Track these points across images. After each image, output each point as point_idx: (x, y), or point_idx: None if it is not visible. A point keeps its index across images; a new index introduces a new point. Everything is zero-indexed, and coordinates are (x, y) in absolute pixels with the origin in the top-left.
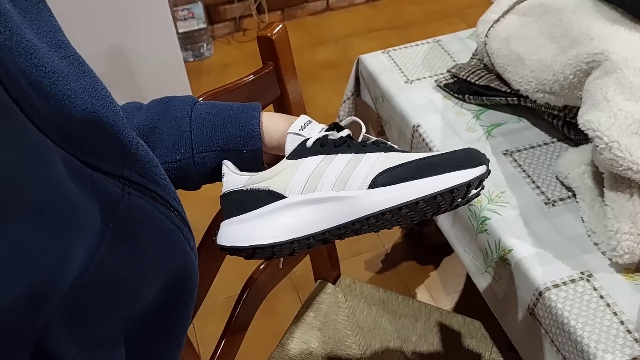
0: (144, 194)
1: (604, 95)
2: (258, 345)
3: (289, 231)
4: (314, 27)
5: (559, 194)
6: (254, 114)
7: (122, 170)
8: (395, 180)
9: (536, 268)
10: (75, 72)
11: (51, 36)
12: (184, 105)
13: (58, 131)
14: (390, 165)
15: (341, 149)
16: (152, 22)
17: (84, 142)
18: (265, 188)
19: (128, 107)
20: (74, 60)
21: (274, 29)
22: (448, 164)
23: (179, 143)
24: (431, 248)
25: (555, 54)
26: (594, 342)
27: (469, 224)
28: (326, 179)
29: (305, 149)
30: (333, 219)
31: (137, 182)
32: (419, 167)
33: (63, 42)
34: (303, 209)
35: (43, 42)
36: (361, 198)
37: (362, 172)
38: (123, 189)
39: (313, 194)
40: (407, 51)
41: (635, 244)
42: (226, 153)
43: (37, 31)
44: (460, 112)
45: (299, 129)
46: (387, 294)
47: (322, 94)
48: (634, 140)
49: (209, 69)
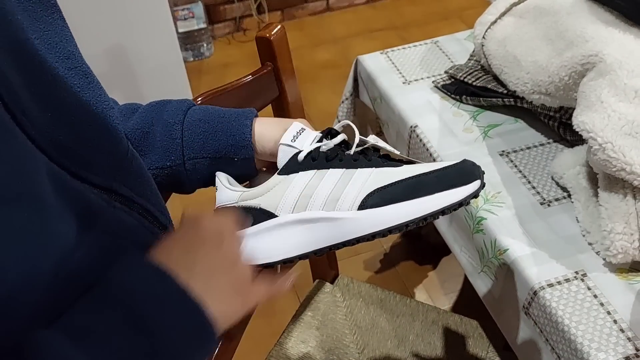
0: (130, 207)
1: (598, 97)
2: (256, 344)
3: (279, 253)
4: (313, 27)
5: (554, 194)
6: (246, 122)
7: (111, 183)
8: (385, 202)
9: (531, 267)
10: (79, 84)
11: (61, 47)
12: (177, 111)
13: (52, 143)
14: (380, 185)
15: (333, 164)
16: (153, 22)
17: (78, 154)
18: (257, 206)
19: (124, 109)
20: (80, 71)
21: (273, 29)
22: (439, 183)
23: (170, 149)
24: (430, 248)
25: (551, 56)
26: (587, 340)
27: (466, 224)
28: (317, 198)
29: (297, 163)
30: (323, 240)
31: (125, 195)
32: (409, 188)
33: (72, 53)
34: (294, 229)
35: (51, 52)
36: (351, 220)
37: (353, 192)
38: (109, 202)
39: (304, 214)
40: (406, 52)
41: (628, 244)
42: (218, 160)
43: (47, 41)
44: (457, 113)
45: (291, 139)
46: (385, 294)
47: (321, 94)
48: (628, 141)
49: (209, 68)
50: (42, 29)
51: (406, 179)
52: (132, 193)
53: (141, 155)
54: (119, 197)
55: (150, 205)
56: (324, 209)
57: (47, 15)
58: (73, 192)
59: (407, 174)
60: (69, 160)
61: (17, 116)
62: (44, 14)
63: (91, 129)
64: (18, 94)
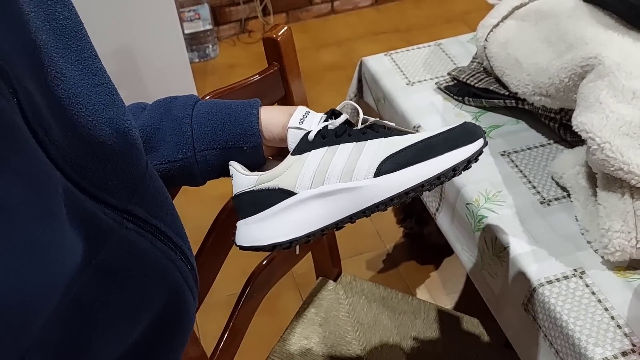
0: (143, 229)
1: (597, 98)
2: (260, 342)
3: (303, 226)
4: (318, 30)
5: (554, 193)
6: (252, 111)
7: (126, 204)
8: (399, 166)
9: (531, 265)
10: (104, 101)
11: (89, 63)
12: (185, 105)
13: (71, 162)
14: (392, 152)
15: (342, 139)
16: (159, 23)
17: (96, 175)
18: (275, 186)
19: (132, 108)
20: (106, 88)
21: (280, 30)
22: (447, 144)
23: (181, 143)
24: (432, 249)
25: (552, 58)
26: (585, 336)
27: (467, 222)
28: (332, 172)
29: (308, 142)
30: (344, 209)
31: (140, 216)
32: (419, 150)
33: (99, 69)
34: (314, 203)
35: (78, 69)
36: (369, 187)
37: (366, 161)
38: (121, 223)
39: (322, 188)
40: (409, 54)
41: (626, 242)
42: (228, 150)
43: (75, 58)
44: (459, 114)
45: (299, 122)
46: (387, 292)
47: (326, 96)
48: (625, 141)
49: (214, 69)
50: (71, 45)
51: (415, 144)
52: (146, 214)
53: (152, 151)
54: (132, 218)
55: (165, 227)
56: (340, 181)
57: (76, 32)
58: (85, 212)
59: (416, 139)
60: (86, 180)
61: (39, 135)
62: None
63: (110, 150)
64: (42, 113)
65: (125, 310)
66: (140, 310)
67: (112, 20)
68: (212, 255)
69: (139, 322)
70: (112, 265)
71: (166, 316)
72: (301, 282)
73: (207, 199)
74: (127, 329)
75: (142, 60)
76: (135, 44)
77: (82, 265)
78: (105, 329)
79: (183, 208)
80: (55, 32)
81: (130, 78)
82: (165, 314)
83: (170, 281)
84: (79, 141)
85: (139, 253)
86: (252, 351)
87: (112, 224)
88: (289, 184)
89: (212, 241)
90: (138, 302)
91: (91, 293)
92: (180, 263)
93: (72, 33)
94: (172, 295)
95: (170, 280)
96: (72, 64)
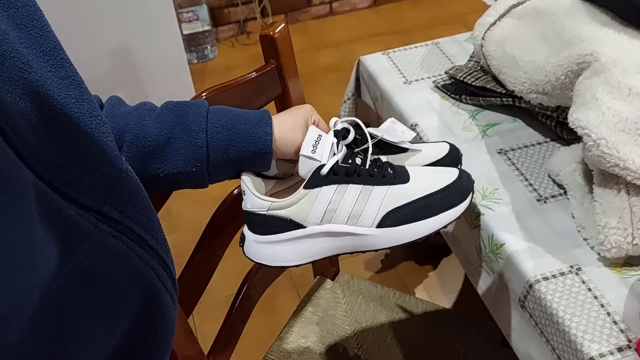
0: (118, 231)
1: (593, 95)
2: (257, 342)
3: (309, 255)
4: (317, 31)
5: (550, 191)
6: (267, 129)
7: (101, 205)
8: (400, 223)
9: (527, 261)
10: (74, 95)
11: (54, 54)
12: (198, 117)
13: (43, 161)
14: (395, 206)
15: (352, 179)
16: (158, 24)
17: (68, 173)
18: (287, 217)
19: (141, 110)
20: (74, 81)
21: (276, 28)
22: (443, 204)
23: (195, 157)
24: (430, 249)
25: (548, 56)
26: (581, 332)
27: (464, 220)
28: (341, 212)
29: (320, 177)
30: (347, 247)
31: (115, 218)
32: (419, 209)
33: (65, 60)
34: (322, 239)
35: (44, 61)
36: (372, 236)
37: (372, 210)
38: (96, 225)
39: (330, 227)
40: (407, 53)
41: (622, 238)
42: (239, 163)
43: (39, 49)
44: (457, 112)
45: (311, 150)
46: (384, 290)
47: (324, 97)
48: (621, 137)
49: (212, 70)
50: (33, 36)
51: (416, 201)
52: (122, 216)
53: (162, 160)
54: (107, 220)
55: (140, 229)
56: (347, 223)
57: (38, 25)
58: (59, 214)
59: (417, 195)
60: (59, 179)
61: (6, 133)
62: (33, 23)
63: (83, 146)
64: (8, 110)
65: (103, 315)
66: (118, 315)
67: (111, 20)
68: (208, 254)
69: (117, 327)
70: (88, 270)
71: (146, 320)
72: (299, 281)
73: (205, 199)
74: (105, 334)
75: (140, 61)
76: (133, 44)
77: (57, 270)
78: (83, 334)
79: (181, 209)
80: (15, 20)
81: (128, 79)
82: (145, 318)
83: (148, 285)
84: (50, 138)
85: (115, 256)
86: (250, 350)
87: (87, 226)
88: (300, 218)
89: (209, 240)
90: (115, 306)
91: (67, 298)
92: (157, 266)
93: (33, 22)
94: (149, 299)
95: (148, 284)
96: (38, 55)
